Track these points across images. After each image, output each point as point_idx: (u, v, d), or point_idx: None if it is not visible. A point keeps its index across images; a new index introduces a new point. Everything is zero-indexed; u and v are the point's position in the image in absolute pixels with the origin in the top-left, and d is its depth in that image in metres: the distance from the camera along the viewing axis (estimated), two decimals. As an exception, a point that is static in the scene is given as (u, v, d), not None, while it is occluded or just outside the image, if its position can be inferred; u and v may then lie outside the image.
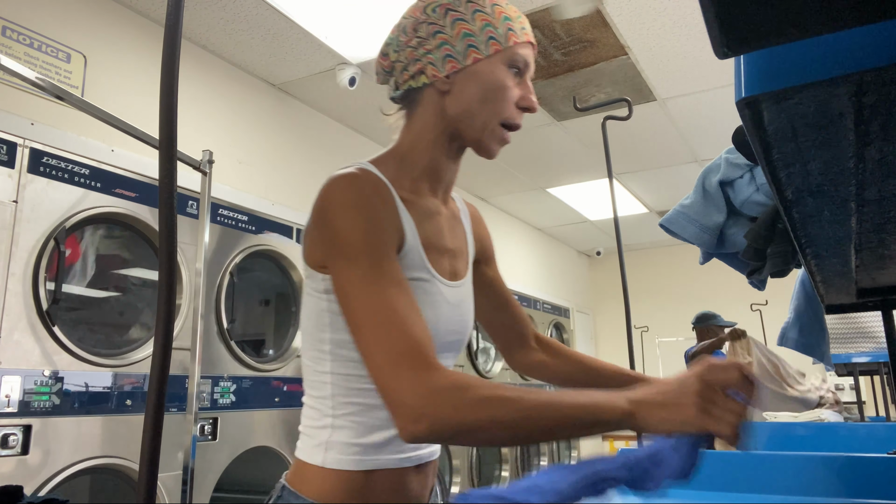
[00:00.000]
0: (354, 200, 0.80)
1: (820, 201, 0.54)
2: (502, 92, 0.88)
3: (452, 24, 0.88)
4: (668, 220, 1.64)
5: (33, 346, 1.85)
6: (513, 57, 0.89)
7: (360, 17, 2.88)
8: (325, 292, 0.84)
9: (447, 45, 0.88)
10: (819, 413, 3.32)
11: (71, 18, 2.56)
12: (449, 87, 0.89)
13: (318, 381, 0.87)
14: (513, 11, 0.91)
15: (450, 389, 0.69)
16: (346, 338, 0.83)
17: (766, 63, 0.35)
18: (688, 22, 2.96)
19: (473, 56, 0.88)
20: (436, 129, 0.92)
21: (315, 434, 0.87)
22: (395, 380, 0.70)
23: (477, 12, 0.89)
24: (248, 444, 2.49)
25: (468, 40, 0.88)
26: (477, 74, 0.88)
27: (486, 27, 0.88)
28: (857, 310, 1.74)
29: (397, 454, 0.87)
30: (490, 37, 0.88)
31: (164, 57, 0.64)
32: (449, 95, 0.90)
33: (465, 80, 0.88)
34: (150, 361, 0.61)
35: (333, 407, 0.85)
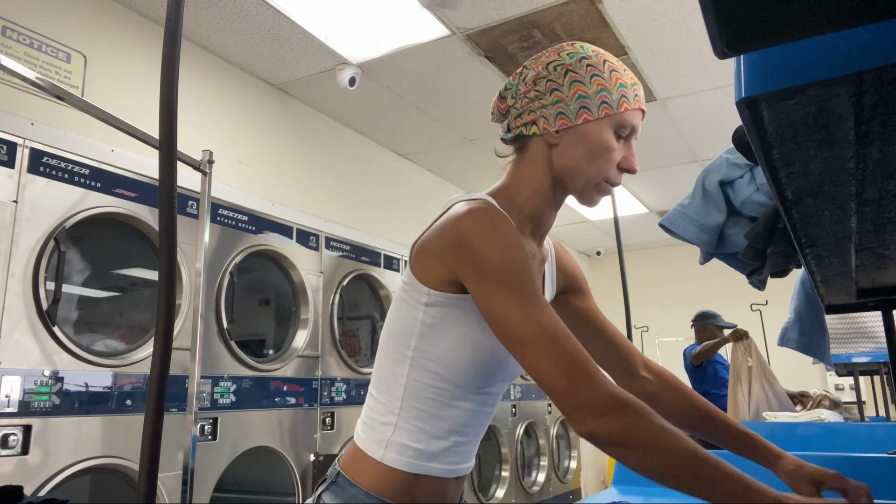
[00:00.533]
0: (498, 230, 0.87)
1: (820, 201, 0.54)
2: (607, 153, 0.95)
3: (570, 85, 0.95)
4: (668, 220, 1.64)
5: (33, 346, 1.85)
6: (621, 122, 0.95)
7: (360, 17, 2.88)
8: (426, 305, 0.92)
9: (562, 102, 0.95)
10: (819, 413, 3.32)
11: (71, 18, 2.56)
12: (558, 141, 0.96)
13: (392, 380, 0.95)
14: (629, 79, 0.97)
15: (633, 403, 0.77)
16: (430, 349, 0.92)
17: (766, 63, 0.35)
18: (688, 22, 2.96)
19: (584, 117, 0.95)
20: (543, 178, 0.99)
21: (379, 429, 0.94)
22: (575, 384, 0.78)
23: (595, 77, 0.95)
24: (247, 444, 2.49)
25: (582, 101, 0.95)
26: (586, 134, 0.95)
27: (600, 91, 0.95)
28: (857, 310, 1.74)
29: (447, 465, 0.95)
30: (603, 101, 0.94)
31: (164, 57, 0.64)
32: (557, 149, 0.97)
33: (574, 138, 0.96)
34: (150, 361, 0.61)
35: (402, 408, 0.93)
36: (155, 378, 0.60)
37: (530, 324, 0.82)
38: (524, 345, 0.82)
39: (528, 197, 0.99)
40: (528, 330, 0.82)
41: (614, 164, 0.96)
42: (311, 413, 2.84)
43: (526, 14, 2.88)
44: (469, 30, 3.00)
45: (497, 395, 1.00)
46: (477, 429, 0.99)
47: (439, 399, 0.93)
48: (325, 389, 2.95)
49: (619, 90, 0.95)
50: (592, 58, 0.97)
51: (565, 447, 5.40)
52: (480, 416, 0.98)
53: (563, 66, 0.96)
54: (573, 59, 0.97)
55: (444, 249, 0.90)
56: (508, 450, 4.36)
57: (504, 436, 4.35)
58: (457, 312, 0.91)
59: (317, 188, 3.70)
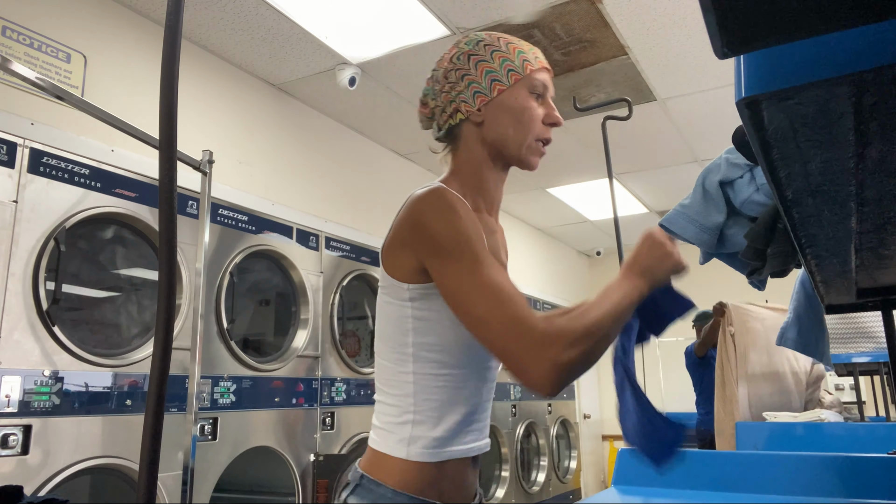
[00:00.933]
0: (448, 206, 0.93)
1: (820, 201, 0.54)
2: (528, 112, 1.03)
3: (476, 66, 1.04)
4: (667, 220, 1.64)
5: (33, 346, 1.85)
6: (531, 82, 1.04)
7: (360, 17, 2.88)
8: (410, 300, 0.96)
9: (474, 83, 1.03)
10: (819, 413, 3.32)
11: (71, 18, 2.56)
12: (482, 118, 1.04)
13: (399, 380, 0.98)
14: (525, 46, 1.06)
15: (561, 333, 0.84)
16: (428, 341, 0.96)
17: (766, 63, 0.35)
18: (688, 22, 2.96)
19: (497, 88, 1.03)
20: (481, 155, 1.06)
21: (397, 430, 0.97)
22: (515, 342, 0.84)
23: (495, 52, 1.04)
24: (247, 444, 2.49)
25: (491, 76, 1.03)
26: (504, 103, 1.03)
27: (504, 62, 1.03)
28: (857, 310, 1.74)
29: (466, 444, 0.99)
30: (509, 69, 1.03)
31: (164, 57, 0.64)
32: (484, 126, 1.04)
33: (495, 110, 1.03)
34: (150, 361, 0.61)
35: (415, 403, 0.96)
36: (155, 378, 0.60)
37: (479, 286, 0.87)
38: (471, 307, 0.87)
39: (473, 174, 1.06)
40: (477, 293, 0.87)
41: (538, 122, 1.04)
42: (311, 413, 2.84)
43: (526, 14, 2.88)
44: (469, 30, 3.00)
45: (497, 367, 1.04)
46: (485, 404, 1.03)
47: (447, 385, 0.97)
48: (325, 389, 2.95)
49: (519, 56, 1.04)
50: (486, 38, 1.06)
51: (565, 447, 5.40)
52: (486, 392, 1.03)
53: (465, 54, 1.05)
54: (471, 45, 1.06)
55: (405, 236, 0.95)
56: (508, 450, 4.36)
57: (504, 436, 4.35)
58: (440, 299, 0.94)
59: (317, 188, 3.70)
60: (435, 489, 0.96)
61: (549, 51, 3.20)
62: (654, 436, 0.98)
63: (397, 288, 0.97)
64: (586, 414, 6.80)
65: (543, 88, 1.05)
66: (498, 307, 0.85)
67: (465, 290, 0.87)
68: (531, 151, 1.05)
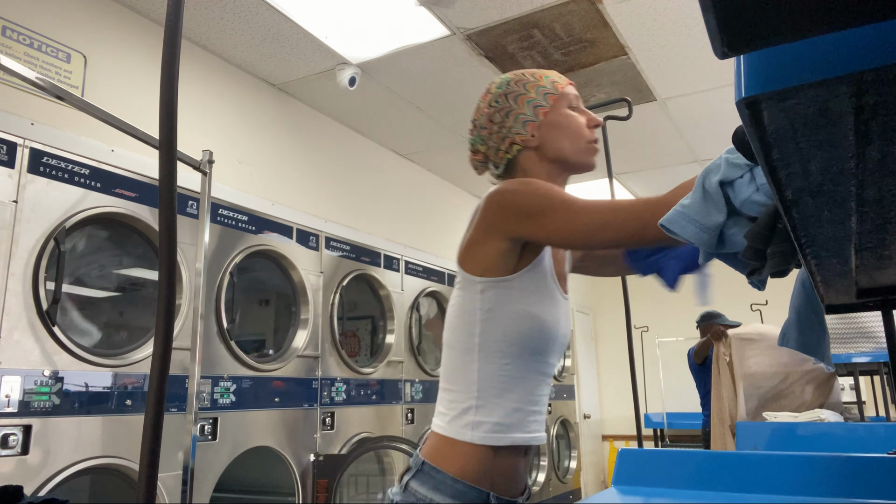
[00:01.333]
0: (526, 181, 1.05)
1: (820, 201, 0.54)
2: (575, 124, 1.16)
3: (515, 100, 1.16)
4: (667, 220, 1.64)
5: (33, 346, 1.85)
6: (566, 98, 1.17)
7: (360, 17, 2.88)
8: (482, 293, 1.05)
9: (521, 115, 1.15)
10: (819, 413, 3.32)
11: (71, 18, 2.56)
12: (537, 142, 1.15)
13: (465, 368, 1.06)
14: (546, 71, 1.20)
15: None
16: (493, 332, 1.04)
17: (766, 63, 0.35)
18: (688, 22, 2.96)
19: (542, 112, 1.16)
20: (544, 172, 1.16)
21: (462, 415, 1.04)
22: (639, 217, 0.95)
23: (526, 84, 1.17)
24: (248, 444, 2.49)
25: (533, 104, 1.16)
26: (552, 122, 1.15)
27: (538, 89, 1.16)
28: (857, 310, 1.74)
29: (525, 433, 1.06)
30: (545, 93, 1.16)
31: (164, 57, 0.64)
32: (540, 147, 1.16)
33: (547, 131, 1.15)
34: (150, 361, 0.61)
35: (479, 389, 1.04)
36: (155, 378, 0.60)
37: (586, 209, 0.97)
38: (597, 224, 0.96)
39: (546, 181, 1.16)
40: (589, 213, 0.96)
41: (583, 127, 1.16)
42: (311, 413, 2.84)
43: (526, 14, 2.88)
44: (469, 30, 3.00)
45: (554, 364, 1.13)
46: (543, 398, 1.11)
47: (509, 374, 1.05)
48: (325, 389, 2.95)
49: (547, 80, 1.17)
50: (513, 77, 1.19)
51: (565, 447, 5.40)
52: (544, 386, 1.11)
53: (501, 94, 1.18)
54: (503, 87, 1.18)
55: (491, 221, 1.03)
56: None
57: (504, 436, 4.35)
58: (508, 293, 1.04)
59: (317, 188, 3.70)
60: (489, 479, 1.02)
61: (549, 51, 3.20)
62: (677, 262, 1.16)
63: (471, 283, 1.06)
64: (586, 414, 6.79)
65: (576, 99, 1.19)
66: (607, 208, 0.95)
67: (573, 217, 0.96)
68: (588, 153, 1.17)
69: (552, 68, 3.37)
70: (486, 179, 1.24)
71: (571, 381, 5.61)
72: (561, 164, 1.17)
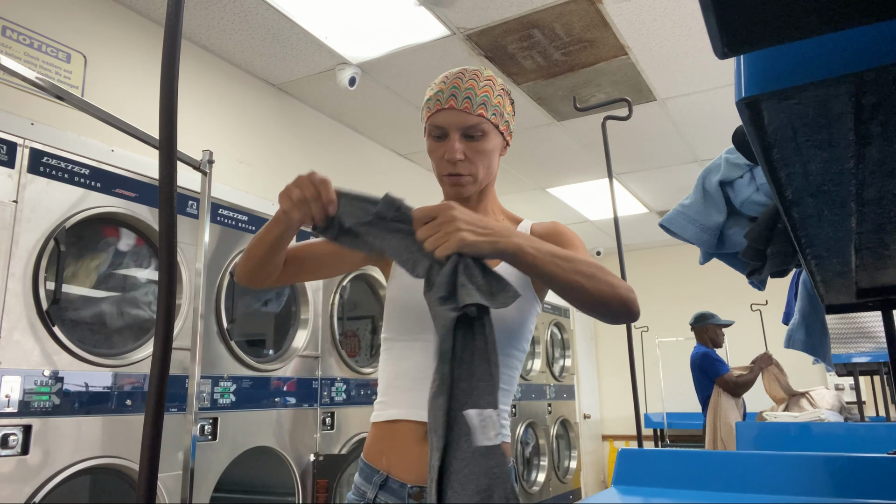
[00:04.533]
0: None
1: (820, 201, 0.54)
2: (434, 155, 1.15)
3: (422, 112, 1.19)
4: (668, 220, 1.64)
5: (33, 346, 1.85)
6: (430, 127, 1.14)
7: (359, 17, 2.88)
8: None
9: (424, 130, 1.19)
10: (819, 413, 3.32)
11: (71, 18, 2.56)
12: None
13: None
14: (437, 87, 1.13)
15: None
16: (384, 323, 1.17)
17: (766, 63, 0.35)
18: (688, 22, 2.96)
19: (425, 136, 1.18)
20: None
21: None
22: None
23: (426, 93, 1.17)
24: (248, 444, 2.49)
25: (423, 124, 1.17)
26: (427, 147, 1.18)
27: (422, 112, 1.17)
28: (857, 310, 1.74)
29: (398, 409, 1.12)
30: (422, 119, 1.16)
31: (164, 57, 0.64)
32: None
33: None
34: (150, 361, 0.61)
35: (379, 379, 1.17)
36: (155, 378, 0.60)
37: None
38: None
39: None
40: None
41: (441, 160, 1.13)
42: (311, 413, 2.84)
43: (526, 14, 2.88)
44: (469, 30, 3.00)
45: (429, 340, 1.11)
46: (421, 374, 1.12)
47: (386, 355, 1.15)
48: (325, 389, 2.95)
49: (426, 104, 1.15)
50: (431, 85, 1.17)
51: (565, 447, 5.40)
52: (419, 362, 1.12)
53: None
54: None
55: None
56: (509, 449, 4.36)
57: (504, 436, 4.35)
58: (388, 284, 1.19)
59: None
60: (385, 459, 1.08)
61: (548, 51, 3.20)
62: None
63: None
64: (586, 414, 6.79)
65: (443, 130, 1.14)
66: None
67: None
68: (446, 185, 1.17)
69: (552, 68, 3.38)
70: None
71: (571, 381, 5.62)
72: None
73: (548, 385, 5.10)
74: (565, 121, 4.04)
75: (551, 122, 4.04)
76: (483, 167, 1.14)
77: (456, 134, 1.11)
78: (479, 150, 1.12)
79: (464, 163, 1.12)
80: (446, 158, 1.12)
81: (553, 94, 3.67)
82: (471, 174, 1.13)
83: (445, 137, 1.12)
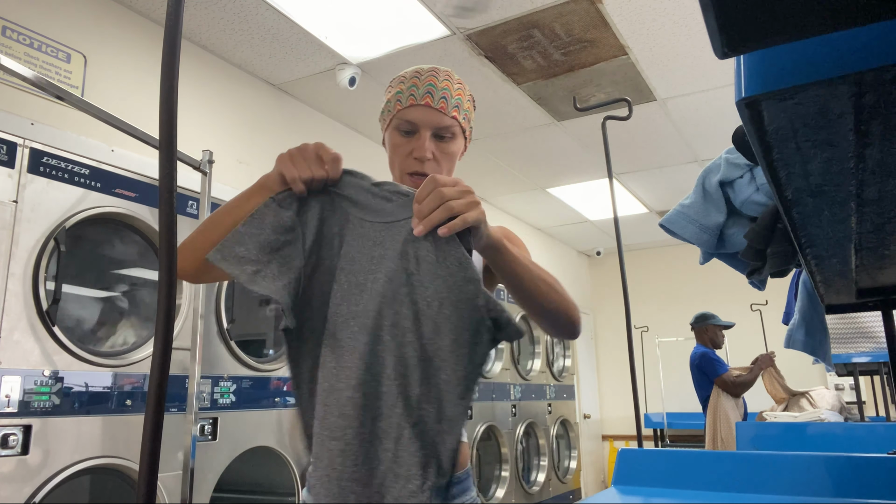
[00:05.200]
0: None
1: (820, 201, 0.54)
2: (398, 151, 1.10)
3: (384, 103, 1.15)
4: (668, 220, 1.64)
5: (33, 346, 1.85)
6: (398, 119, 1.09)
7: (360, 17, 2.88)
8: None
9: (382, 120, 1.16)
10: (819, 413, 3.32)
11: (71, 18, 2.56)
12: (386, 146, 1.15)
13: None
14: (408, 83, 1.10)
15: None
16: None
17: (766, 63, 0.35)
18: (688, 22, 2.96)
19: (382, 126, 1.15)
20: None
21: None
22: None
23: (390, 87, 1.13)
24: (248, 444, 2.49)
25: (381, 116, 1.15)
26: (387, 140, 1.13)
27: (385, 104, 1.13)
28: (857, 310, 1.74)
29: None
30: (387, 108, 1.12)
31: (164, 57, 0.64)
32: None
33: (387, 144, 1.14)
34: (150, 361, 0.61)
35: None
36: (155, 378, 0.60)
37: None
38: None
39: None
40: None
41: (407, 157, 1.09)
42: (311, 413, 2.84)
43: (526, 14, 2.88)
44: (469, 30, 3.00)
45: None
46: None
47: None
48: (325, 389, 2.95)
49: (395, 96, 1.10)
50: (395, 78, 1.14)
51: (565, 447, 5.40)
52: None
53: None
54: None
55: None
56: (508, 450, 4.36)
57: (504, 436, 4.35)
58: None
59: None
60: None
61: (549, 51, 3.20)
62: None
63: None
64: (586, 414, 6.80)
65: (412, 125, 1.10)
66: None
67: None
68: (406, 182, 1.13)
69: (552, 68, 3.38)
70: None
71: (571, 381, 5.62)
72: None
73: (548, 385, 5.10)
74: (565, 121, 4.04)
75: (551, 122, 4.04)
76: (446, 169, 1.12)
77: (428, 132, 1.08)
78: (447, 151, 1.10)
79: (431, 162, 1.09)
80: (415, 156, 1.08)
81: (553, 94, 3.67)
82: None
83: (414, 134, 1.09)
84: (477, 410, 4.07)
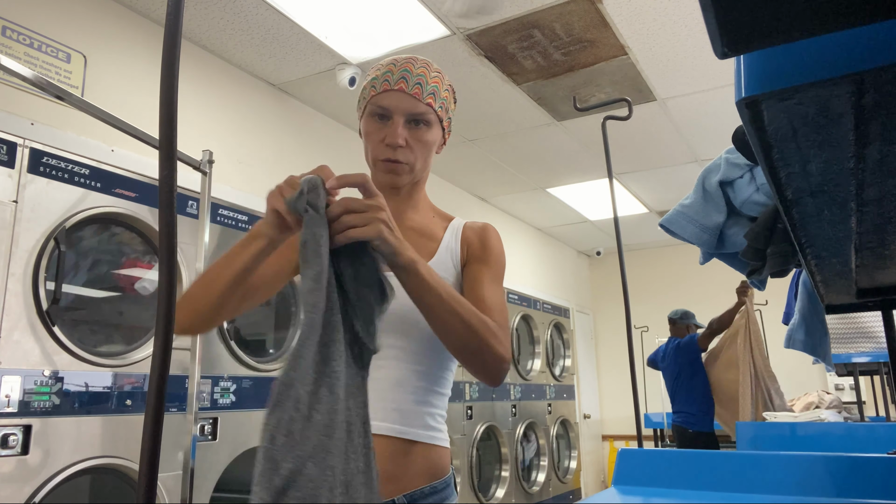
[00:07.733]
0: None
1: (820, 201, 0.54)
2: (371, 137, 1.09)
3: (360, 91, 1.14)
4: (668, 220, 1.64)
5: (33, 346, 1.85)
6: (374, 105, 1.07)
7: (359, 17, 2.88)
8: None
9: (359, 110, 1.14)
10: (819, 413, 3.32)
11: (71, 18, 2.56)
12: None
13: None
14: (384, 69, 1.08)
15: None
16: None
17: (766, 63, 0.35)
18: (688, 22, 2.96)
19: (359, 114, 1.13)
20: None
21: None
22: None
23: (367, 74, 1.12)
24: (248, 444, 2.49)
25: (359, 105, 1.13)
26: (362, 128, 1.12)
27: (362, 91, 1.11)
28: (857, 310, 1.74)
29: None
30: (363, 95, 1.11)
31: (164, 57, 0.64)
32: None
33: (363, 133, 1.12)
34: (150, 361, 0.61)
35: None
36: (155, 378, 0.60)
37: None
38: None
39: None
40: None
41: (380, 143, 1.08)
42: (311, 413, 2.84)
43: (526, 14, 2.88)
44: (469, 30, 3.00)
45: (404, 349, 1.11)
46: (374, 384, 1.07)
47: None
48: (325, 389, 2.95)
49: (370, 82, 1.09)
50: (372, 67, 1.12)
51: (565, 447, 5.40)
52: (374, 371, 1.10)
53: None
54: None
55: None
56: (508, 450, 4.36)
57: (504, 436, 4.35)
58: None
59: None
60: None
61: (548, 51, 3.20)
62: None
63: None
64: (586, 414, 6.80)
65: (385, 111, 1.08)
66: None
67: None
68: (380, 171, 1.11)
69: (552, 68, 3.38)
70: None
71: (571, 381, 5.62)
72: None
73: (548, 385, 5.10)
74: (565, 121, 4.04)
75: (551, 122, 4.04)
76: (422, 158, 1.09)
77: (401, 118, 1.06)
78: (421, 139, 1.08)
79: (404, 150, 1.06)
80: (386, 142, 1.06)
81: (553, 94, 3.67)
82: (408, 163, 1.08)
83: (388, 119, 1.06)
84: (477, 410, 4.07)
